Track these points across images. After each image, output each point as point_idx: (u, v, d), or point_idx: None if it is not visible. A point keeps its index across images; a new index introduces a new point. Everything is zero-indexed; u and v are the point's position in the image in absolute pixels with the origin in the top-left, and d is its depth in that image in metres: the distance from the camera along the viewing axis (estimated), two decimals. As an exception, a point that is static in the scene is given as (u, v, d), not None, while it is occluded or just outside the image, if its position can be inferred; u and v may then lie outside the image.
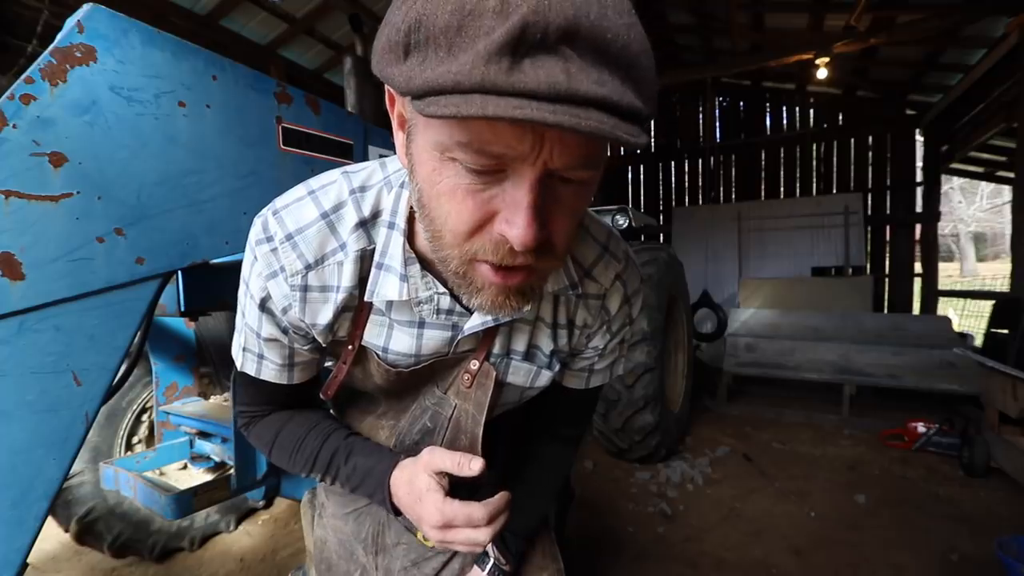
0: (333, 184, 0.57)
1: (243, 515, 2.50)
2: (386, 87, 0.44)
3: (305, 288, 0.56)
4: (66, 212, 0.89)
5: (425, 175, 0.42)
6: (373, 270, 0.56)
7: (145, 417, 2.24)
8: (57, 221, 0.88)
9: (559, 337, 0.68)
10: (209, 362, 2.24)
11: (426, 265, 0.56)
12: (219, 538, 2.39)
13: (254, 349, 0.65)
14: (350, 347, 0.64)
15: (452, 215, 0.41)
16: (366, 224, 0.56)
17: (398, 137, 0.47)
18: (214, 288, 1.33)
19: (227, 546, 2.34)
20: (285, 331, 0.61)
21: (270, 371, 0.66)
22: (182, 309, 1.28)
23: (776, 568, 2.20)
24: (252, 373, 0.67)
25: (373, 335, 0.62)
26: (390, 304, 0.59)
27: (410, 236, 0.55)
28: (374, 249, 0.56)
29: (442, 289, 0.56)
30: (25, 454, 0.85)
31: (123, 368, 1.01)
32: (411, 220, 0.55)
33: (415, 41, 0.34)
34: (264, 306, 0.59)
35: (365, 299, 0.58)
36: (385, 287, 0.56)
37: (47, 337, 0.87)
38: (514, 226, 0.39)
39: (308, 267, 0.56)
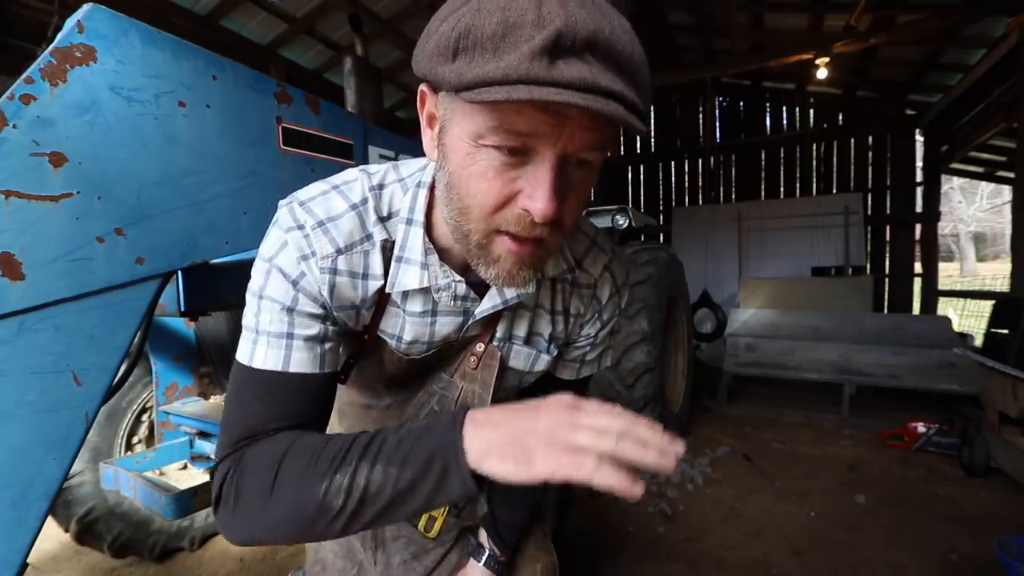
0: (356, 181, 0.61)
1: (243, 515, 2.50)
2: (420, 92, 0.54)
3: (335, 271, 0.58)
4: (66, 212, 0.89)
5: (458, 160, 0.49)
6: (393, 264, 0.60)
7: (145, 417, 2.24)
8: (57, 221, 0.88)
9: (556, 323, 0.72)
10: (209, 362, 2.24)
11: (442, 256, 0.61)
12: (219, 538, 2.38)
13: (280, 329, 0.57)
14: (366, 337, 0.66)
15: (481, 193, 0.48)
16: (384, 221, 0.60)
17: (426, 133, 0.55)
18: (214, 288, 1.33)
19: (227, 546, 2.34)
20: (323, 306, 0.59)
21: (300, 355, 0.57)
22: (182, 309, 1.28)
23: (776, 568, 2.20)
24: (274, 366, 0.56)
25: (389, 324, 0.65)
26: (405, 295, 0.62)
27: (428, 231, 0.60)
28: (393, 243, 0.60)
29: (458, 277, 0.61)
30: (25, 454, 0.85)
31: (123, 368, 1.01)
32: (428, 216, 0.60)
33: (463, 46, 0.42)
34: (298, 284, 0.57)
35: (387, 291, 0.61)
36: (406, 277, 0.60)
37: (47, 337, 0.87)
38: (536, 200, 0.46)
39: (339, 251, 0.57)
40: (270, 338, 0.57)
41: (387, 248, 0.60)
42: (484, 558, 0.85)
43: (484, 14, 0.41)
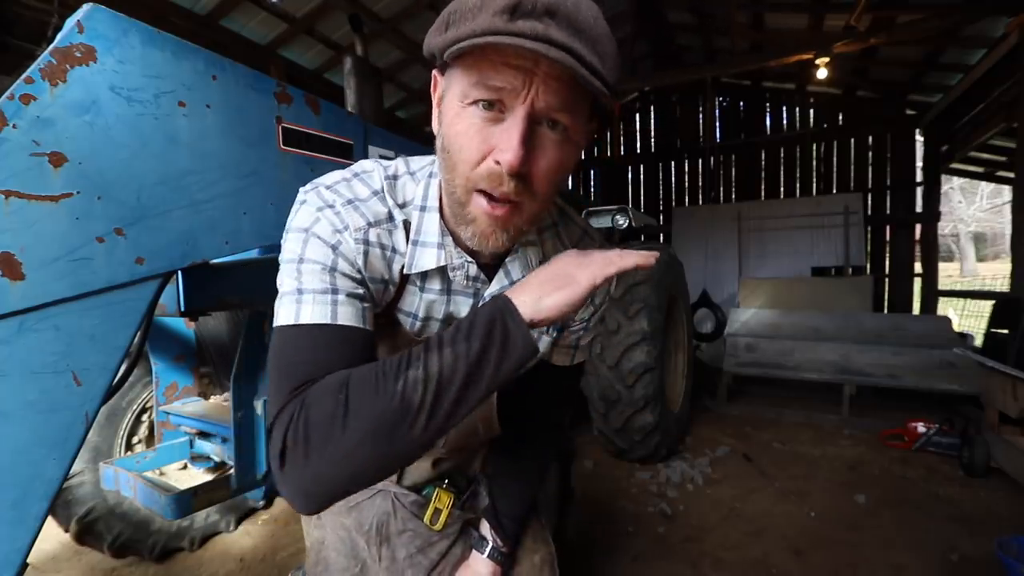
0: (373, 171, 0.66)
1: (243, 515, 2.50)
2: (433, 78, 0.60)
3: (367, 242, 0.61)
4: (66, 212, 0.89)
5: (448, 121, 0.56)
6: (410, 247, 0.65)
7: (145, 417, 2.24)
8: (57, 221, 0.88)
9: None
10: (209, 362, 2.24)
11: (454, 240, 0.65)
12: (219, 538, 2.39)
13: (324, 286, 0.58)
14: (383, 319, 0.69)
15: (464, 147, 0.54)
16: (400, 208, 0.65)
17: (435, 114, 0.61)
18: (214, 288, 1.33)
19: (227, 546, 2.34)
20: (360, 272, 0.61)
21: (346, 309, 0.58)
22: (182, 309, 1.28)
23: (776, 568, 2.20)
24: (322, 319, 0.56)
25: (406, 303, 0.69)
26: (424, 275, 0.67)
27: (441, 216, 0.65)
28: (410, 227, 0.65)
29: (470, 258, 0.66)
30: (25, 454, 0.85)
31: (123, 368, 1.01)
32: (442, 202, 0.65)
33: (452, 20, 0.51)
34: (337, 249, 0.59)
35: (404, 272, 0.65)
36: (423, 258, 0.64)
37: (47, 337, 0.87)
38: (505, 152, 0.51)
39: (369, 224, 0.62)
40: (315, 295, 0.57)
41: (407, 229, 0.65)
42: (487, 550, 0.87)
43: None
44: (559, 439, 0.94)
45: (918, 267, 7.07)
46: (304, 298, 0.57)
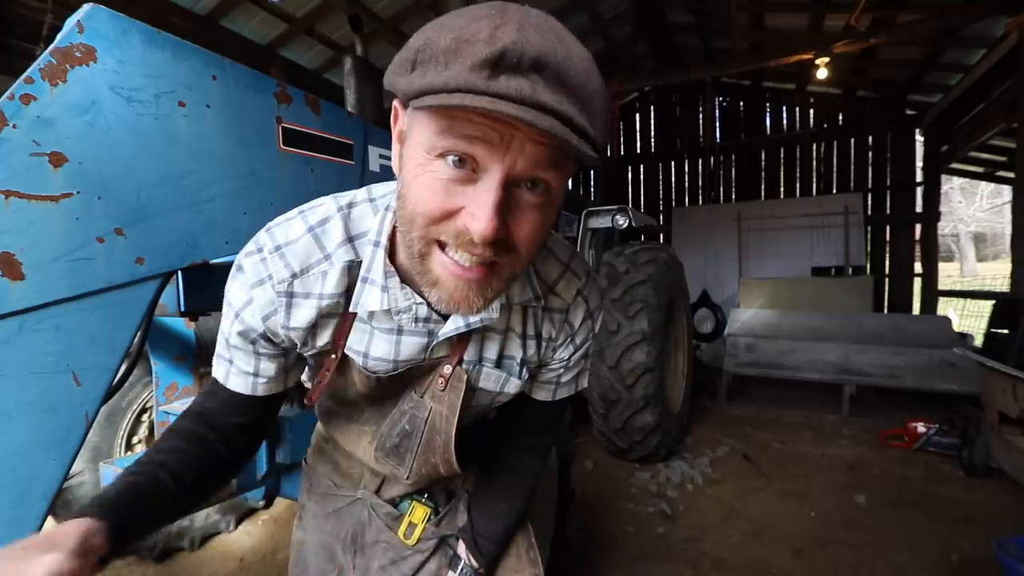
0: (322, 205, 0.63)
1: (243, 515, 2.50)
2: (393, 108, 0.54)
3: (291, 295, 0.61)
4: (66, 212, 0.89)
5: (411, 169, 0.49)
6: (359, 284, 0.61)
7: (145, 417, 2.24)
8: (57, 221, 0.88)
9: (528, 347, 0.72)
10: (209, 362, 2.24)
11: (406, 279, 0.61)
12: (219, 538, 2.39)
13: (225, 355, 0.67)
14: (333, 356, 0.67)
15: (424, 200, 0.47)
16: (353, 240, 0.62)
17: (395, 149, 0.55)
18: (214, 288, 1.32)
19: (227, 546, 2.34)
20: (254, 342, 0.64)
21: (237, 379, 0.66)
22: (182, 309, 1.28)
23: (776, 568, 2.20)
24: (219, 379, 0.67)
25: (355, 341, 0.66)
26: (372, 313, 0.63)
27: (391, 253, 0.61)
28: (361, 263, 0.61)
29: (420, 299, 0.61)
30: (25, 454, 0.85)
31: (123, 368, 1.01)
32: (392, 239, 0.61)
33: (420, 59, 0.43)
34: (239, 314, 0.62)
35: (350, 310, 0.62)
36: (368, 299, 0.61)
37: (47, 337, 0.87)
38: (476, 220, 0.45)
39: (294, 275, 0.60)
40: (219, 359, 0.67)
41: (353, 268, 0.61)
42: (460, 568, 0.84)
43: (443, 31, 0.43)
44: (542, 463, 0.90)
45: (918, 267, 7.08)
46: (218, 353, 0.67)
